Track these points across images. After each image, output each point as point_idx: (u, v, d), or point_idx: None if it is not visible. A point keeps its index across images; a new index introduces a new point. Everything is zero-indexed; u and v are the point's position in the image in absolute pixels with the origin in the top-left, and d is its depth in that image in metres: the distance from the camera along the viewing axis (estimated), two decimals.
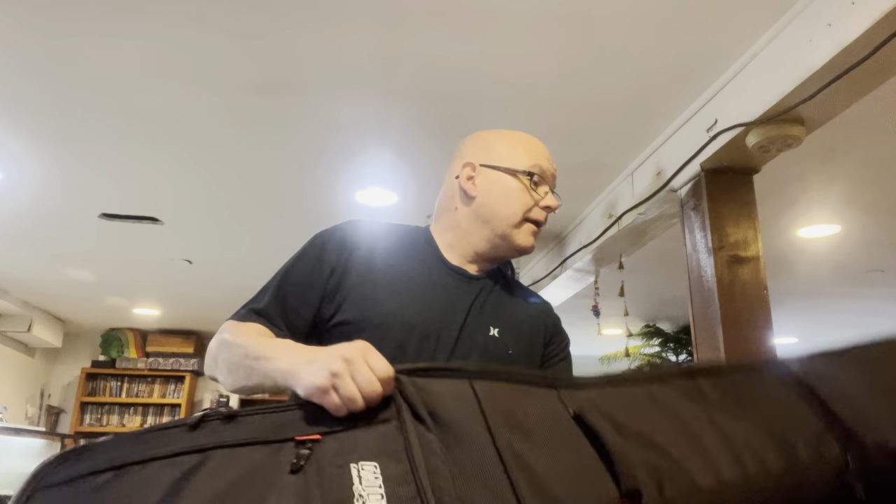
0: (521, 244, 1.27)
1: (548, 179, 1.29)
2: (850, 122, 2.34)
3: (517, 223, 1.25)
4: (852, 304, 5.30)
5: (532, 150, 1.29)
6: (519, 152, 1.29)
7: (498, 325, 1.22)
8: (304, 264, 1.20)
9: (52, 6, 1.89)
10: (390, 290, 1.17)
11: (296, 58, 2.13)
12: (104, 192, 3.23)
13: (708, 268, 2.17)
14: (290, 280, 1.19)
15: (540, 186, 1.27)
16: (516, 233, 1.26)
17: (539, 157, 1.28)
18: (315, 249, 1.21)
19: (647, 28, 1.97)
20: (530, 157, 1.28)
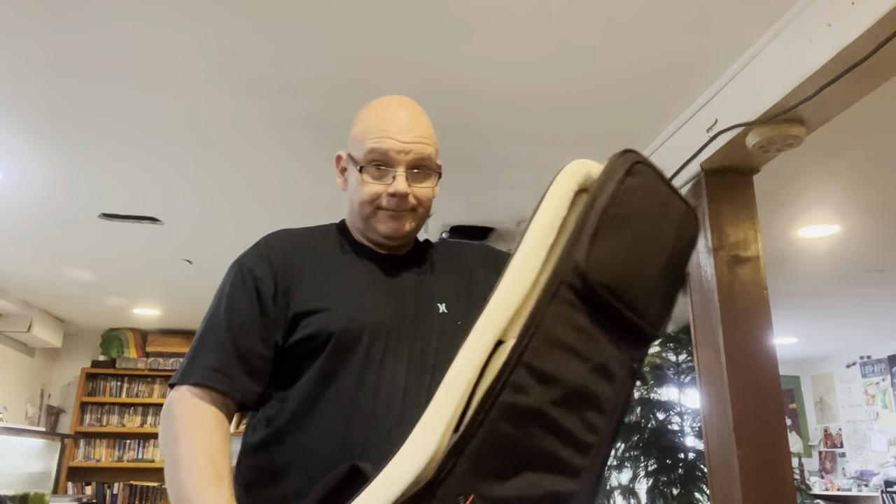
0: (380, 231, 1.18)
1: (397, 161, 1.15)
2: (850, 122, 2.34)
3: (369, 214, 1.18)
4: (852, 304, 5.30)
5: (374, 128, 1.17)
6: (360, 137, 1.18)
7: (443, 300, 1.19)
8: (241, 300, 1.12)
9: (53, 6, 1.89)
10: (340, 296, 1.13)
11: (295, 57, 2.13)
12: (104, 192, 3.23)
13: (708, 268, 2.17)
14: (235, 322, 1.10)
15: (388, 172, 1.15)
16: (374, 223, 1.18)
17: (379, 137, 1.15)
18: (247, 280, 1.13)
19: (646, 28, 1.97)
20: (368, 140, 1.16)
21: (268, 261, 1.15)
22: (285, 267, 1.15)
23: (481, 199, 3.29)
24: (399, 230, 1.18)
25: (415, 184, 1.17)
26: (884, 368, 7.02)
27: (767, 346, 2.09)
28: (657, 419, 5.28)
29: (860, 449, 7.32)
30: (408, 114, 1.20)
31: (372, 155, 1.15)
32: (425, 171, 1.18)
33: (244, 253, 1.20)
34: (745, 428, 1.98)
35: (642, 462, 5.10)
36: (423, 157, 1.17)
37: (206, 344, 1.10)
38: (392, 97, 1.24)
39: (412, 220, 1.19)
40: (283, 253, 1.17)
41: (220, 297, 1.15)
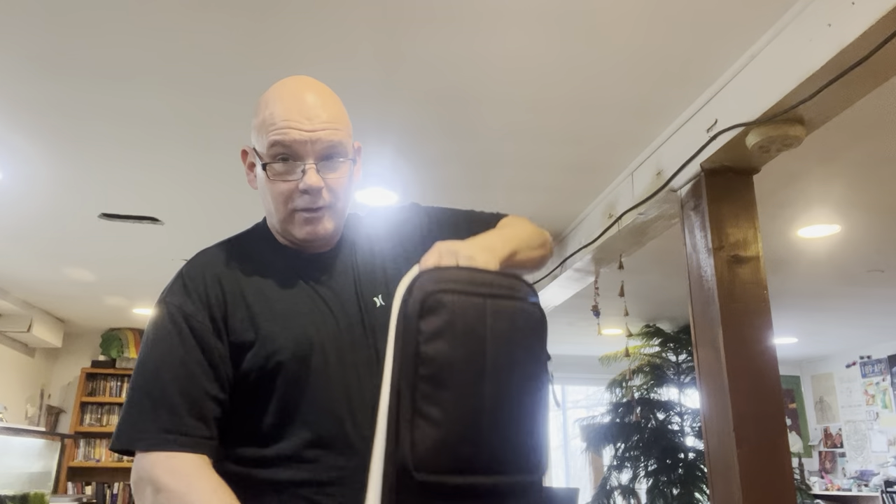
0: (298, 237, 1.09)
1: (304, 153, 1.03)
2: (850, 122, 2.34)
3: (284, 217, 1.08)
4: (852, 304, 5.30)
5: (275, 118, 1.03)
6: (261, 129, 1.05)
7: (379, 291, 1.11)
8: (177, 344, 1.01)
9: (53, 6, 1.89)
10: (278, 320, 1.05)
11: (295, 58, 2.13)
12: (104, 192, 3.23)
13: (708, 268, 2.17)
14: (177, 371, 1.00)
15: (295, 167, 1.04)
16: (291, 228, 1.08)
17: (281, 128, 1.02)
18: (177, 320, 1.02)
19: (646, 28, 1.97)
20: (270, 132, 1.03)
21: (196, 295, 1.05)
22: (215, 297, 1.05)
23: (481, 199, 3.29)
24: (317, 233, 1.08)
25: (328, 174, 1.05)
26: (884, 368, 7.02)
27: (767, 346, 2.09)
28: (657, 419, 5.28)
29: (860, 449, 7.32)
30: (312, 96, 1.05)
31: (276, 149, 1.03)
32: (338, 160, 1.06)
33: (168, 289, 1.08)
34: (745, 428, 1.98)
35: (642, 462, 5.10)
36: (333, 145, 1.04)
37: (146, 404, 0.99)
38: (293, 78, 1.09)
39: (331, 217, 1.08)
40: (208, 281, 1.06)
41: (152, 342, 1.03)
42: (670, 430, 5.22)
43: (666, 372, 5.43)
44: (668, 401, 5.35)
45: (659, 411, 5.30)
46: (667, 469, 4.98)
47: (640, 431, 5.17)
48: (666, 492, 4.91)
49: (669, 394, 5.41)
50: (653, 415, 5.28)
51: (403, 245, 1.18)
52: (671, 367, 5.46)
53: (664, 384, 5.40)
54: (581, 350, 7.00)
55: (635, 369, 5.44)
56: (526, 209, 3.39)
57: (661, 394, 5.40)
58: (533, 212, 3.40)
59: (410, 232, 1.20)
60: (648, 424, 5.23)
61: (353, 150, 1.11)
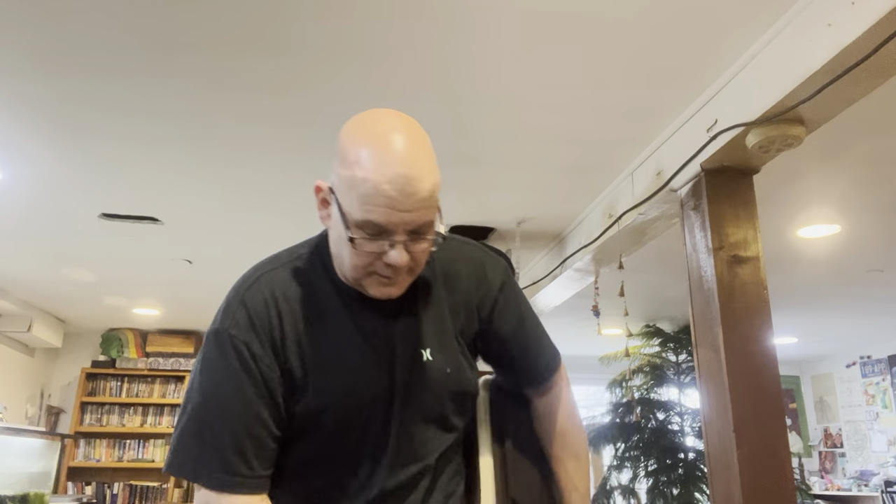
0: (375, 296, 1.05)
1: (395, 231, 0.97)
2: (850, 122, 2.34)
3: (360, 277, 1.03)
4: (852, 304, 5.30)
5: (368, 191, 0.95)
6: (353, 196, 0.97)
7: (428, 345, 1.10)
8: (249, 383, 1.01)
9: (52, 6, 1.89)
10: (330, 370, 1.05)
11: (295, 57, 2.13)
12: (104, 192, 3.23)
13: (708, 268, 2.17)
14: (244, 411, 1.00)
15: (382, 238, 0.98)
16: (364, 284, 1.04)
17: (374, 206, 0.95)
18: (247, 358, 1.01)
19: (646, 28, 1.97)
20: (363, 209, 0.96)
21: (263, 333, 1.03)
22: (279, 337, 1.04)
23: (481, 199, 3.29)
24: (391, 295, 1.05)
25: (414, 246, 1.00)
26: (884, 368, 7.02)
27: (767, 346, 2.09)
28: (657, 419, 5.28)
29: (860, 449, 7.32)
30: (415, 166, 0.97)
31: (366, 227, 0.97)
32: (427, 234, 1.01)
33: (231, 318, 1.04)
34: (745, 428, 1.98)
35: (642, 462, 5.10)
36: (425, 224, 0.99)
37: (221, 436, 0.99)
38: (395, 132, 1.00)
39: (407, 281, 1.05)
40: (273, 319, 1.05)
41: (217, 376, 1.02)
42: (670, 430, 5.22)
43: (666, 372, 5.43)
44: (668, 401, 5.35)
45: (659, 411, 5.30)
46: (667, 469, 4.97)
47: (640, 431, 5.17)
48: (666, 492, 4.91)
49: (669, 394, 5.41)
50: (653, 415, 5.28)
51: (468, 307, 1.17)
52: (671, 367, 5.45)
53: (664, 384, 5.40)
54: (581, 350, 6.99)
55: (635, 369, 5.44)
56: (526, 209, 3.39)
57: (661, 394, 5.40)
58: (533, 212, 3.41)
59: (482, 302, 1.18)
60: (648, 424, 5.23)
61: (439, 213, 1.05)
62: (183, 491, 6.28)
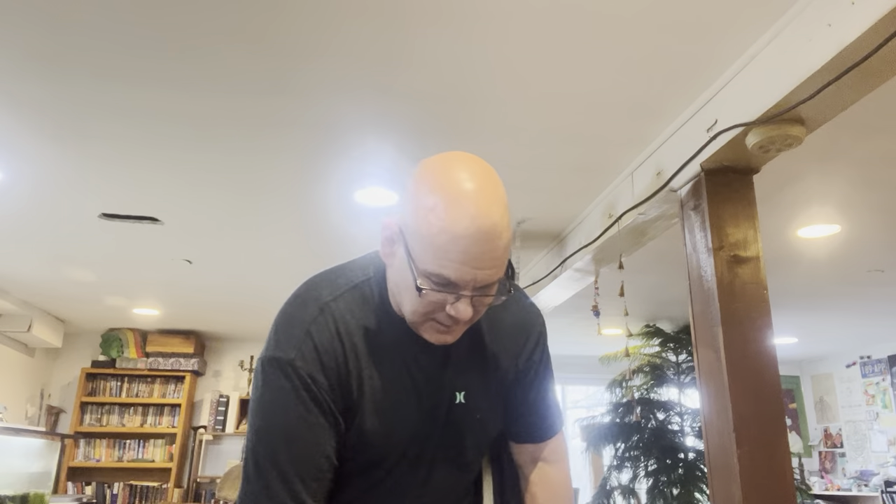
0: (430, 341, 1.05)
1: (464, 287, 0.97)
2: (850, 122, 2.34)
3: (418, 322, 1.03)
4: (852, 304, 5.30)
5: (445, 253, 0.94)
6: (425, 245, 0.96)
7: (464, 388, 1.12)
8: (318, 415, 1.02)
9: (53, 7, 1.89)
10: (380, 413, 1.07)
11: (296, 58, 2.13)
12: (104, 192, 3.23)
13: (708, 268, 2.17)
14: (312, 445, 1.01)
15: (449, 290, 0.97)
16: (422, 329, 1.04)
17: (449, 266, 0.95)
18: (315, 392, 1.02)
19: (646, 28, 1.97)
20: (436, 262, 0.95)
21: (329, 368, 1.04)
22: (345, 373, 1.05)
23: None
24: (447, 342, 1.05)
25: (479, 300, 1.00)
26: (884, 368, 7.02)
27: (767, 346, 2.09)
28: (657, 419, 5.28)
29: (860, 449, 7.32)
30: (488, 225, 0.94)
31: (435, 278, 0.97)
32: (492, 292, 1.01)
33: (294, 350, 1.03)
34: (745, 428, 1.98)
35: (642, 462, 5.10)
36: (491, 284, 0.99)
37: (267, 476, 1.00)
38: (467, 177, 0.97)
39: (465, 327, 1.06)
40: (338, 354, 1.05)
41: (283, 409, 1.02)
42: (670, 430, 5.22)
43: (666, 372, 5.43)
44: (668, 401, 5.35)
45: (659, 411, 5.30)
46: (667, 469, 4.97)
47: (640, 431, 5.17)
48: (666, 492, 4.91)
49: (669, 394, 5.41)
50: (653, 415, 5.28)
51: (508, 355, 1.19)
52: (671, 367, 5.45)
53: (664, 384, 5.40)
54: (581, 350, 6.99)
55: (635, 369, 5.44)
56: (526, 209, 3.39)
57: (661, 394, 5.40)
58: (533, 212, 3.41)
59: (521, 352, 1.21)
60: (648, 424, 5.23)
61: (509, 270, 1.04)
62: (183, 491, 6.28)
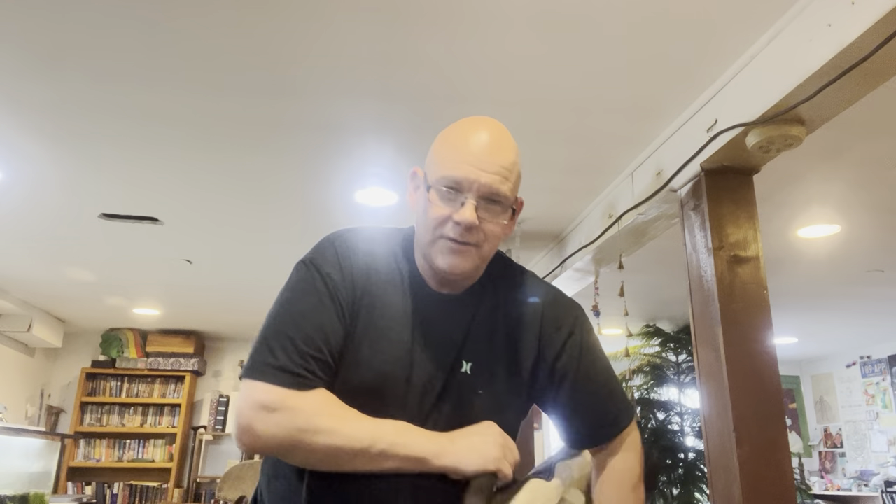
0: (438, 266, 1.09)
1: (469, 189, 1.06)
2: (850, 122, 2.34)
3: (430, 241, 1.09)
4: (852, 304, 5.30)
5: (451, 153, 1.09)
6: (438, 159, 1.10)
7: (472, 359, 1.12)
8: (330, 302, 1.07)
9: (54, 6, 1.89)
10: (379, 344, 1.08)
11: (296, 58, 2.13)
12: (104, 192, 3.23)
13: (708, 268, 2.17)
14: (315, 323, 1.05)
15: (457, 198, 1.06)
16: (433, 253, 1.09)
17: (457, 165, 1.06)
18: (331, 285, 1.08)
19: (646, 28, 1.97)
20: (445, 165, 1.08)
21: (345, 273, 1.09)
22: (355, 288, 1.10)
23: None
24: (458, 267, 1.08)
25: (485, 216, 1.06)
26: (884, 368, 7.02)
27: (767, 346, 2.09)
28: (657, 419, 5.29)
29: (860, 449, 7.32)
30: (490, 140, 1.09)
31: (444, 181, 1.07)
32: (496, 206, 1.07)
33: (319, 253, 1.12)
34: (745, 428, 1.98)
35: None
36: (496, 191, 1.06)
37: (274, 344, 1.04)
38: (479, 119, 1.13)
39: (475, 257, 1.09)
40: (356, 271, 1.10)
41: (301, 293, 1.08)
42: (670, 430, 5.22)
43: (666, 372, 5.43)
44: (668, 401, 5.35)
45: (659, 411, 5.30)
46: (667, 469, 4.98)
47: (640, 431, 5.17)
48: (666, 492, 4.91)
49: (669, 394, 5.41)
50: (653, 415, 5.28)
51: (528, 341, 1.15)
52: (671, 367, 5.46)
53: (664, 384, 5.40)
54: None
55: (635, 369, 5.44)
56: (526, 209, 3.38)
57: (661, 394, 5.40)
58: (533, 212, 3.41)
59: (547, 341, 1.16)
60: (648, 424, 5.23)
61: (515, 204, 1.11)
62: (183, 491, 6.28)
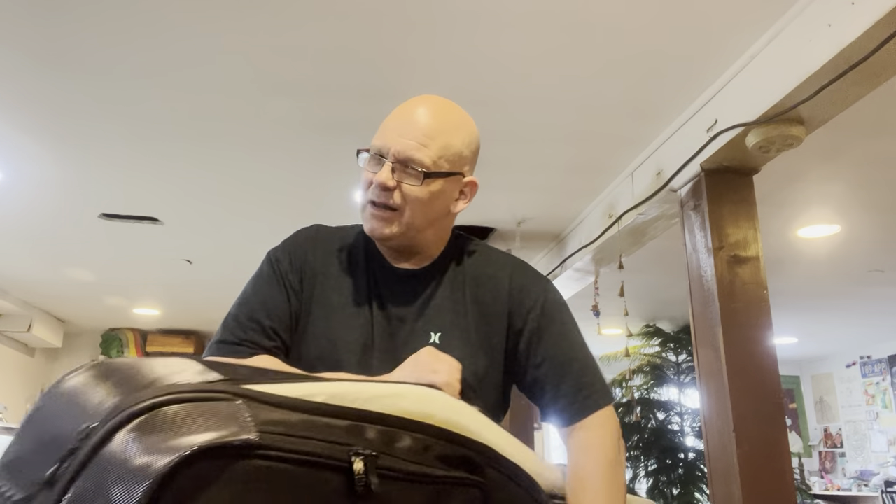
0: (367, 231, 1.14)
1: (387, 154, 1.10)
2: (850, 122, 2.34)
3: (362, 208, 1.15)
4: (852, 304, 5.30)
5: (382, 126, 1.15)
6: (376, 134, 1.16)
7: (440, 329, 1.12)
8: (275, 282, 1.15)
9: (53, 6, 1.89)
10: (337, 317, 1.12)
11: (295, 58, 2.13)
12: (104, 192, 3.23)
13: (708, 268, 2.17)
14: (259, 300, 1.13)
15: (380, 164, 1.11)
16: (364, 220, 1.15)
17: (382, 132, 1.14)
18: (274, 268, 1.16)
19: (647, 28, 1.97)
20: (375, 136, 1.14)
21: (294, 258, 1.17)
22: (306, 268, 1.16)
23: (481, 199, 3.27)
24: (377, 230, 1.11)
25: (402, 179, 1.10)
26: (884, 368, 7.02)
27: (767, 346, 2.09)
28: (657, 419, 5.29)
29: (860, 449, 7.32)
30: (417, 110, 1.16)
31: (371, 149, 1.13)
32: (413, 169, 1.09)
33: (276, 246, 1.22)
34: (745, 428, 1.98)
35: (642, 462, 5.10)
36: (409, 157, 1.09)
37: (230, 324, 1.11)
38: (420, 96, 1.21)
39: (397, 222, 1.11)
40: (311, 255, 1.18)
41: (253, 279, 1.19)
42: (670, 430, 5.22)
43: (666, 372, 5.44)
44: (668, 401, 5.36)
45: (659, 411, 5.30)
46: (667, 469, 4.98)
47: (640, 431, 5.17)
48: (666, 492, 4.91)
49: (669, 394, 5.42)
50: (653, 415, 5.28)
51: (497, 313, 1.14)
52: (671, 367, 5.46)
53: (664, 384, 5.40)
54: None
55: (635, 369, 5.44)
56: (526, 209, 3.39)
57: (661, 394, 5.40)
58: (533, 212, 3.41)
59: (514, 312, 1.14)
60: (648, 424, 5.23)
61: (445, 174, 1.13)
62: None
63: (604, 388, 1.12)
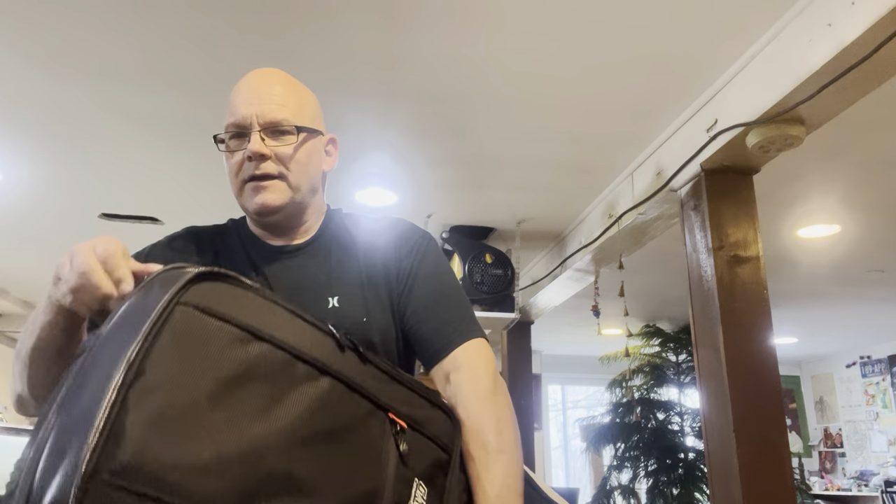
0: (251, 210, 1.11)
1: (250, 125, 1.07)
2: (850, 122, 2.35)
3: (238, 191, 1.11)
4: (852, 304, 5.30)
5: (230, 105, 1.10)
6: (224, 116, 1.11)
7: (337, 293, 1.10)
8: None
9: (53, 6, 1.89)
10: None
11: (295, 58, 2.13)
12: (104, 192, 3.23)
13: (708, 268, 2.17)
14: None
15: (244, 140, 1.08)
16: (244, 201, 1.11)
17: (235, 109, 1.08)
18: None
19: (647, 28, 1.97)
20: (226, 116, 1.10)
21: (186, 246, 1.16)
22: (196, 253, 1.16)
23: (481, 199, 3.29)
24: (268, 201, 1.08)
25: (274, 143, 1.07)
26: (884, 368, 7.02)
27: (767, 346, 2.09)
28: (657, 419, 5.29)
29: (860, 449, 7.33)
30: (267, 80, 1.11)
31: (230, 128, 1.09)
32: (283, 131, 1.08)
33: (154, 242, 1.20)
34: (745, 428, 1.99)
35: (642, 462, 5.10)
36: (277, 119, 1.07)
37: None
38: (253, 71, 1.15)
39: (285, 189, 1.09)
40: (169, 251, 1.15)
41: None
42: (670, 430, 5.22)
43: (666, 372, 5.44)
44: (668, 401, 5.36)
45: (659, 411, 5.30)
46: (667, 469, 4.98)
47: (640, 431, 5.17)
48: (666, 492, 4.91)
49: (669, 394, 5.42)
50: (653, 415, 5.28)
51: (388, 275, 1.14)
52: (671, 367, 5.46)
53: (664, 384, 5.40)
54: (581, 350, 7.01)
55: (635, 369, 5.44)
56: (526, 209, 3.39)
57: (661, 394, 5.40)
58: (533, 212, 3.41)
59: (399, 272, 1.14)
60: (648, 424, 5.23)
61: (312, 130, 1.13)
62: None
63: (473, 323, 1.11)
